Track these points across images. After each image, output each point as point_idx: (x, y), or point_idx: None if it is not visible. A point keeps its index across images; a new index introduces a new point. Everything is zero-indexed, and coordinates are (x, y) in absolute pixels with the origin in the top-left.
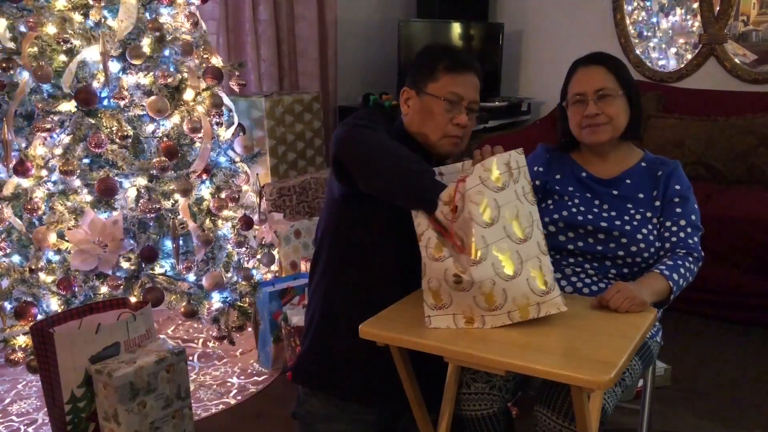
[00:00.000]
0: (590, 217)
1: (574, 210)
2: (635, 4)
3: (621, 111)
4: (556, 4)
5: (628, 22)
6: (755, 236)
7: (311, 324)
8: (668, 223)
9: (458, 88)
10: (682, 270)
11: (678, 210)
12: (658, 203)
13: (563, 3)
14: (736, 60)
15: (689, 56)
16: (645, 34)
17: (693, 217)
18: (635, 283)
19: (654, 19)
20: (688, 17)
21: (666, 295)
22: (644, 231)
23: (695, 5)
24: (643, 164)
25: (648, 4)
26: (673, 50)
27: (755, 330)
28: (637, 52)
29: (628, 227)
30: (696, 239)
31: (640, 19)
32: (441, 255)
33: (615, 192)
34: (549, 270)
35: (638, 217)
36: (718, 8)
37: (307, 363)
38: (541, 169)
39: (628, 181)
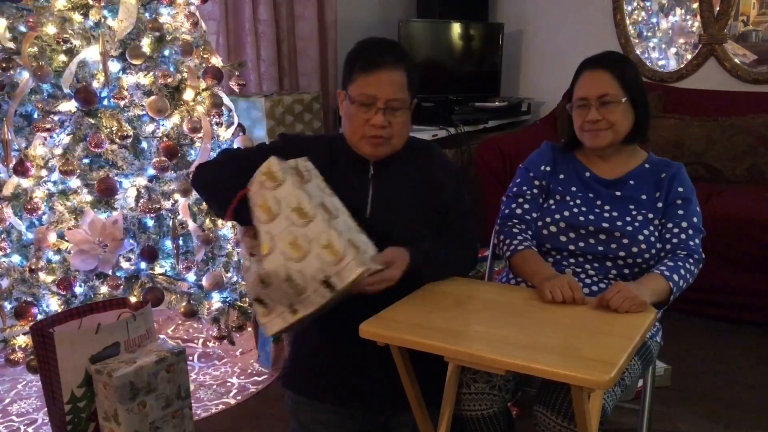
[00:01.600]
0: (591, 217)
1: (575, 210)
2: (635, 4)
3: (623, 117)
4: (556, 4)
5: (628, 22)
6: (755, 236)
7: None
8: (670, 225)
9: (370, 89)
10: (682, 271)
11: (680, 212)
12: (660, 205)
13: (563, 3)
14: (736, 60)
15: (689, 56)
16: (645, 34)
17: (695, 220)
18: (635, 283)
19: (654, 20)
20: (688, 17)
21: (666, 296)
22: (646, 232)
23: (695, 5)
24: (646, 166)
25: (648, 4)
26: (673, 50)
27: (755, 330)
28: (637, 52)
29: (629, 228)
30: (697, 241)
31: (640, 19)
32: (247, 265)
33: (618, 193)
34: (340, 240)
35: (640, 218)
36: (718, 8)
37: (289, 368)
38: (548, 168)
39: (631, 182)
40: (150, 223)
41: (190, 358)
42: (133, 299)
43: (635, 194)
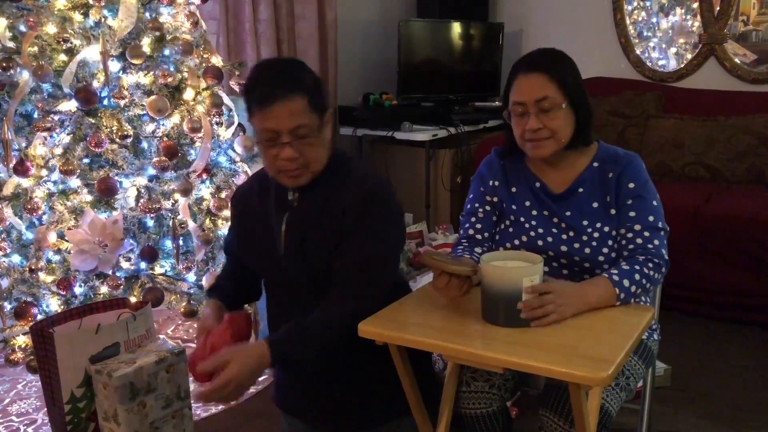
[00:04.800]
0: (550, 239)
1: (532, 234)
2: (635, 4)
3: (565, 123)
4: (556, 4)
5: (628, 22)
6: (755, 236)
7: None
8: (623, 230)
9: (270, 123)
10: (636, 276)
11: (631, 214)
12: (613, 212)
13: (563, 3)
14: (736, 60)
15: (689, 56)
16: (645, 34)
17: (651, 219)
18: (578, 287)
19: (654, 19)
20: (688, 17)
21: (611, 304)
22: (605, 250)
23: (695, 5)
24: (595, 165)
25: (648, 4)
26: (673, 50)
27: (755, 330)
28: (637, 52)
29: (587, 250)
30: (657, 242)
31: (640, 19)
32: None
33: (568, 213)
34: None
35: (596, 235)
36: (718, 8)
37: (274, 383)
38: (497, 183)
39: (581, 190)
40: (150, 223)
41: None
42: (133, 299)
43: (586, 205)
